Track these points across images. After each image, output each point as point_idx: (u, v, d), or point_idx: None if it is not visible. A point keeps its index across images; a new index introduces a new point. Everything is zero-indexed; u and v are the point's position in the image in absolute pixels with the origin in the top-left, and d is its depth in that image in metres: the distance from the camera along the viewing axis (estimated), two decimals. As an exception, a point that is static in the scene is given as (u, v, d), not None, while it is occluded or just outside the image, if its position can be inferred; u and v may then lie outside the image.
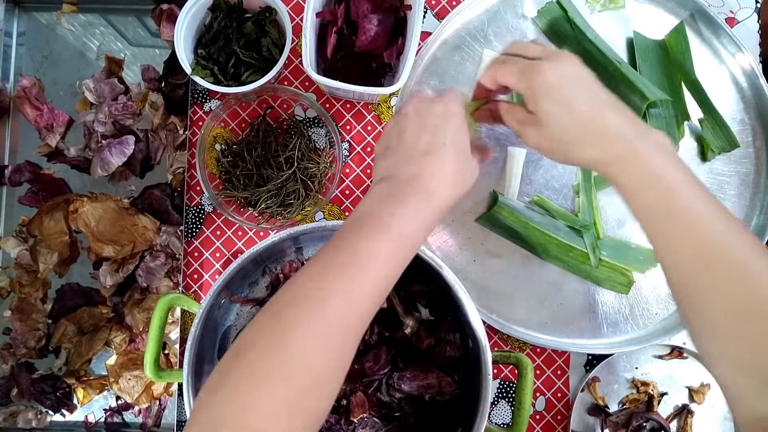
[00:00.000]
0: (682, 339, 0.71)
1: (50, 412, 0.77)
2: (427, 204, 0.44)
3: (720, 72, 0.74)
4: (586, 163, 0.48)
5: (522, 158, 0.70)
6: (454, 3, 0.75)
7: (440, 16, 0.75)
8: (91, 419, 0.78)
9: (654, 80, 0.71)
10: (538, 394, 0.71)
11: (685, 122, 0.71)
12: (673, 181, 0.44)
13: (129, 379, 0.75)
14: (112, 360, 0.76)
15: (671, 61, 0.72)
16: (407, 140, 0.47)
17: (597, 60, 0.70)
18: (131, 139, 0.76)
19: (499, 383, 0.71)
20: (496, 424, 0.70)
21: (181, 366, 0.57)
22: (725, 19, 0.75)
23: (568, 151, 0.48)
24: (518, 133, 0.51)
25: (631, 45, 0.73)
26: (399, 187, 0.44)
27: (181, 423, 0.69)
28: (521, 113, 0.50)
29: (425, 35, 0.71)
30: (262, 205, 0.67)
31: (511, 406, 0.71)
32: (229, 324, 0.68)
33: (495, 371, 0.70)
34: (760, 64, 0.73)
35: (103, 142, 0.76)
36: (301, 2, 0.73)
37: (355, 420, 0.60)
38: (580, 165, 0.53)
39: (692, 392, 0.71)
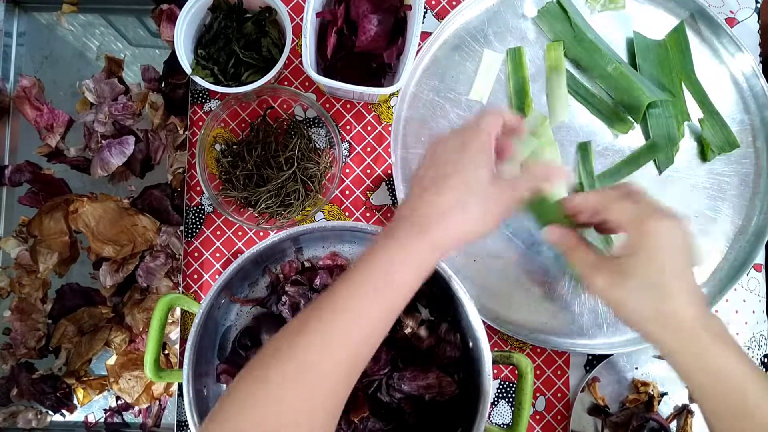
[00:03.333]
0: (682, 339, 0.71)
1: (50, 412, 0.77)
2: (419, 244, 0.42)
3: (720, 72, 0.74)
4: (652, 340, 0.46)
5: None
6: (454, 3, 0.75)
7: (440, 16, 0.75)
8: (91, 419, 0.78)
9: (654, 80, 0.71)
10: (538, 394, 0.71)
11: (685, 122, 0.71)
12: (740, 380, 0.43)
13: (129, 379, 0.75)
14: (112, 360, 0.76)
15: (671, 61, 0.72)
16: (421, 169, 0.46)
17: (597, 60, 0.70)
18: (131, 139, 0.76)
19: (499, 383, 0.71)
20: (496, 424, 0.70)
21: (181, 366, 0.57)
22: (725, 19, 0.75)
23: (633, 314, 0.45)
24: (583, 274, 0.48)
25: (631, 45, 0.73)
26: (398, 223, 0.44)
27: (181, 423, 0.69)
28: (593, 258, 0.47)
29: (425, 35, 0.71)
30: (262, 206, 0.67)
31: (511, 406, 0.71)
32: (229, 324, 0.67)
33: (495, 371, 0.70)
34: (760, 64, 0.73)
35: (103, 142, 0.76)
36: (301, 2, 0.73)
37: (356, 420, 0.60)
38: (639, 331, 0.48)
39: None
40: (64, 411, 0.77)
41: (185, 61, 0.65)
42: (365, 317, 0.40)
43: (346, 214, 0.72)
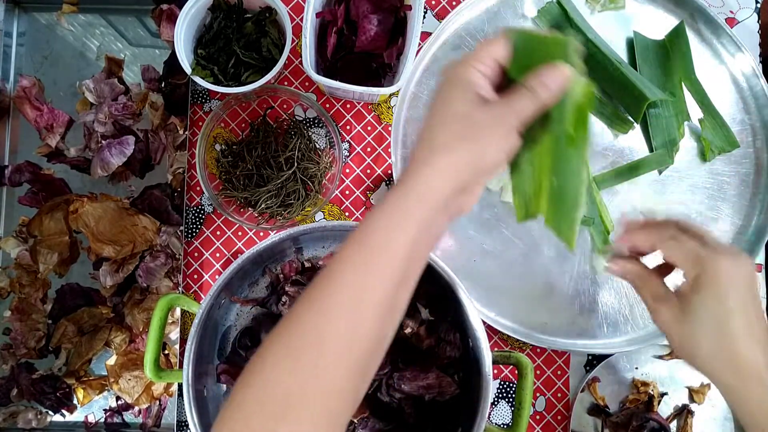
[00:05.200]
0: (682, 339, 0.71)
1: (50, 412, 0.77)
2: (404, 200, 0.38)
3: (720, 72, 0.74)
4: (715, 380, 0.44)
5: None
6: (454, 3, 0.75)
7: (440, 16, 0.75)
8: (91, 419, 0.78)
9: (654, 80, 0.71)
10: (538, 394, 0.71)
11: (685, 122, 0.71)
12: None
13: (129, 379, 0.75)
14: (112, 360, 0.76)
15: (671, 61, 0.72)
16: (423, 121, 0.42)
17: (597, 60, 0.70)
18: (131, 139, 0.76)
19: (499, 383, 0.71)
20: (496, 424, 0.70)
21: (181, 366, 0.57)
22: (725, 19, 0.75)
23: (698, 351, 0.44)
24: (649, 304, 0.47)
25: (631, 45, 0.73)
26: (392, 189, 0.40)
27: (181, 423, 0.69)
28: (661, 289, 0.46)
29: (425, 35, 0.71)
30: (262, 206, 0.67)
31: (511, 406, 0.71)
32: (229, 324, 0.67)
33: (495, 371, 0.70)
34: (760, 64, 0.73)
35: (103, 142, 0.76)
36: (301, 2, 0.73)
37: (355, 420, 0.60)
38: (701, 370, 0.46)
39: (692, 392, 0.71)
40: (64, 411, 0.77)
41: (185, 61, 0.65)
42: (359, 288, 0.36)
43: (346, 214, 0.72)
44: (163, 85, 0.79)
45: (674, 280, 0.48)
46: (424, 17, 0.74)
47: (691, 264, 0.43)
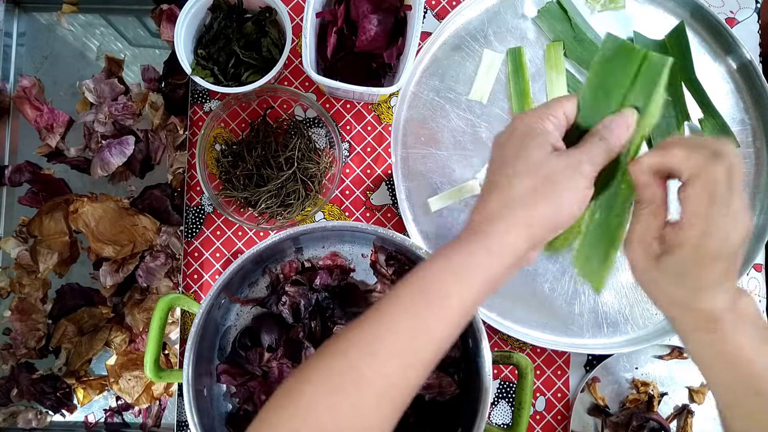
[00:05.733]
0: (682, 339, 0.71)
1: (50, 412, 0.77)
2: (473, 250, 0.37)
3: (720, 72, 0.74)
4: (674, 323, 0.42)
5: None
6: (454, 3, 0.75)
7: (440, 16, 0.75)
8: (91, 419, 0.78)
9: (654, 80, 0.71)
10: (538, 394, 0.71)
11: (685, 122, 0.71)
12: (753, 356, 0.39)
13: (129, 379, 0.75)
14: (112, 360, 0.76)
15: (671, 61, 0.72)
16: (487, 172, 0.41)
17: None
18: (131, 139, 0.76)
19: (499, 383, 0.71)
20: (496, 424, 0.70)
21: (181, 366, 0.57)
22: (725, 19, 0.75)
23: (662, 298, 0.41)
24: (635, 234, 0.41)
25: (631, 45, 0.73)
26: (461, 238, 0.39)
27: (181, 423, 0.69)
28: (654, 224, 0.41)
29: (425, 35, 0.71)
30: (262, 206, 0.67)
31: (511, 406, 0.71)
32: (229, 324, 0.67)
33: (495, 371, 0.70)
34: (760, 64, 0.73)
35: (103, 142, 0.76)
36: (301, 2, 0.73)
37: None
38: (660, 309, 0.43)
39: (692, 392, 0.71)
40: (64, 411, 0.77)
41: (185, 61, 0.65)
42: (413, 336, 0.36)
43: (346, 214, 0.72)
44: (163, 85, 0.79)
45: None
46: (424, 17, 0.74)
47: (700, 216, 0.38)
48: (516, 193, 0.38)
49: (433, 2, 0.75)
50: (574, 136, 0.41)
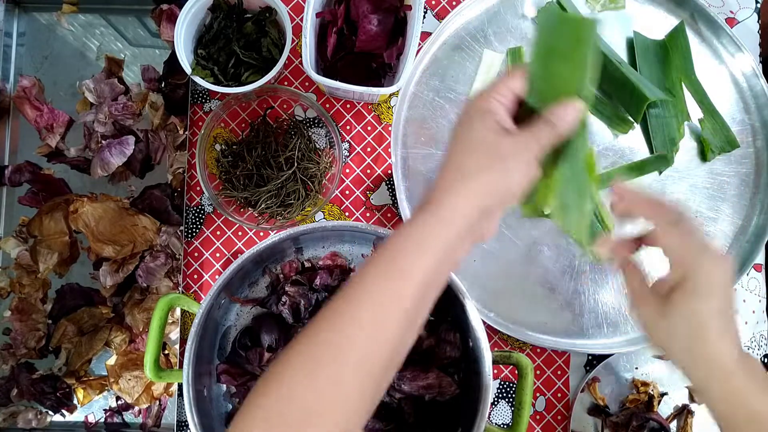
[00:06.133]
0: (682, 339, 0.71)
1: (50, 412, 0.77)
2: (429, 221, 0.39)
3: (720, 72, 0.74)
4: (687, 373, 0.44)
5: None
6: (454, 3, 0.75)
7: (440, 16, 0.75)
8: (91, 419, 0.78)
9: (654, 80, 0.71)
10: (538, 394, 0.71)
11: (685, 122, 0.71)
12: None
13: (129, 379, 0.75)
14: (112, 360, 0.76)
15: (671, 61, 0.72)
16: (444, 154, 0.44)
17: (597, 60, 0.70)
18: (131, 139, 0.76)
19: (499, 383, 0.71)
20: (496, 424, 0.70)
21: (181, 366, 0.57)
22: (725, 19, 0.75)
23: (673, 350, 0.44)
24: (632, 295, 0.46)
25: (631, 45, 0.73)
26: (416, 212, 0.41)
27: (181, 423, 0.69)
28: (639, 283, 0.46)
29: (425, 35, 0.71)
30: (262, 206, 0.67)
31: (511, 406, 0.71)
32: (229, 324, 0.67)
33: (495, 371, 0.70)
34: (760, 64, 0.73)
35: (103, 142, 0.76)
36: (301, 2, 0.73)
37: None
38: (675, 364, 0.47)
39: (692, 392, 0.71)
40: (64, 411, 0.77)
41: (185, 61, 0.65)
42: (379, 308, 0.38)
43: (346, 214, 0.72)
44: (163, 85, 0.79)
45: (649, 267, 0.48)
46: (424, 17, 0.74)
47: (681, 259, 0.43)
48: (465, 166, 0.41)
49: (433, 2, 0.75)
50: (527, 113, 0.43)
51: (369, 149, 0.73)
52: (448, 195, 0.40)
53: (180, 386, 0.71)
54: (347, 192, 0.72)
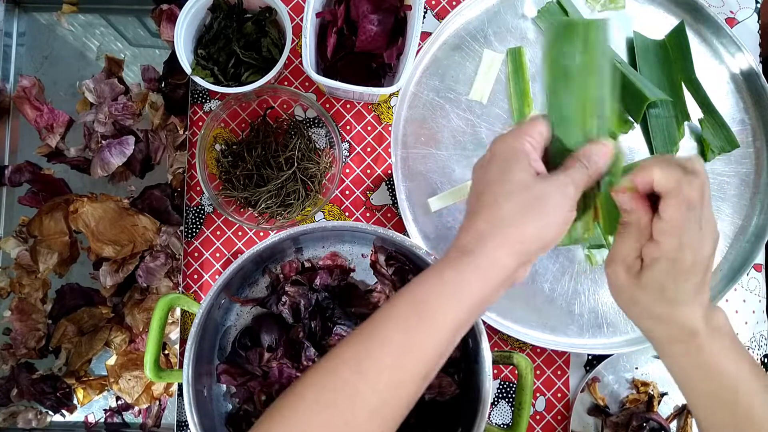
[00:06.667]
0: (682, 339, 0.71)
1: (50, 412, 0.77)
2: (461, 272, 0.38)
3: (720, 72, 0.74)
4: (645, 331, 0.44)
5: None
6: (454, 3, 0.75)
7: (440, 16, 0.75)
8: (91, 419, 0.78)
9: (654, 80, 0.71)
10: (538, 395, 0.71)
11: (685, 122, 0.71)
12: (733, 378, 0.41)
13: (129, 379, 0.75)
14: (112, 360, 0.76)
15: (671, 61, 0.72)
16: (471, 194, 0.42)
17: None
18: (131, 139, 0.76)
19: (499, 383, 0.71)
20: (496, 424, 0.70)
21: (181, 366, 0.57)
22: (725, 19, 0.75)
23: (635, 308, 0.43)
24: (616, 253, 0.43)
25: (631, 45, 0.73)
26: (451, 256, 0.40)
27: (181, 423, 0.69)
28: (631, 247, 0.42)
29: (425, 35, 0.71)
30: (262, 206, 0.67)
31: (511, 406, 0.71)
32: (229, 324, 0.67)
33: (495, 371, 0.70)
34: (760, 64, 0.73)
35: (103, 142, 0.76)
36: (301, 2, 0.73)
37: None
38: (631, 319, 0.46)
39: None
40: (64, 411, 0.77)
41: (185, 61, 0.65)
42: (404, 352, 0.37)
43: (346, 214, 0.72)
44: (163, 85, 0.79)
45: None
46: (424, 17, 0.74)
47: (675, 231, 0.40)
48: (504, 212, 0.39)
49: (433, 2, 0.75)
50: (557, 152, 0.43)
51: (369, 149, 0.73)
52: (486, 243, 0.38)
53: (180, 386, 0.71)
54: (347, 192, 0.72)
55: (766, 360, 0.73)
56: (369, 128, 0.73)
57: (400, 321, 0.38)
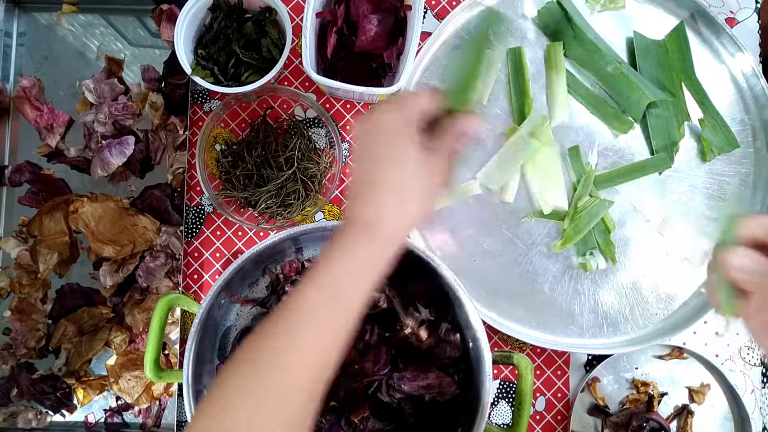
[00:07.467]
0: (682, 339, 0.71)
1: (50, 412, 0.77)
2: (364, 250, 0.42)
3: (720, 72, 0.74)
4: None
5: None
6: (454, 3, 0.75)
7: (440, 16, 0.75)
8: (91, 419, 0.78)
9: (654, 80, 0.71)
10: (538, 394, 0.71)
11: (685, 122, 0.71)
12: None
13: (129, 379, 0.75)
14: (112, 360, 0.76)
15: (671, 61, 0.72)
16: (362, 159, 0.45)
17: (597, 60, 0.70)
18: (131, 139, 0.76)
19: (499, 383, 0.71)
20: (496, 424, 0.70)
21: (181, 366, 0.57)
22: (725, 19, 0.75)
23: None
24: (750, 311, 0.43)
25: (631, 45, 0.73)
26: (344, 229, 0.43)
27: (181, 423, 0.69)
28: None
29: (425, 35, 0.71)
30: (262, 206, 0.67)
31: (511, 406, 0.71)
32: (229, 324, 0.67)
33: (495, 371, 0.70)
34: (760, 64, 0.73)
35: (103, 142, 0.76)
36: (301, 2, 0.73)
37: (355, 420, 0.60)
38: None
39: (692, 392, 0.71)
40: (64, 411, 0.77)
41: (185, 61, 0.65)
42: (322, 328, 0.41)
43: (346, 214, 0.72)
44: (163, 85, 0.79)
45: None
46: (424, 17, 0.74)
47: None
48: (407, 191, 0.43)
49: (433, 2, 0.75)
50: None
51: (369, 149, 0.73)
52: (388, 220, 0.43)
53: (180, 386, 0.71)
54: (347, 192, 0.72)
55: (765, 360, 0.73)
56: (369, 128, 0.73)
57: (321, 302, 0.41)
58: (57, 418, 0.78)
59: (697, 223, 0.71)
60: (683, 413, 0.71)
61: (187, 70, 0.65)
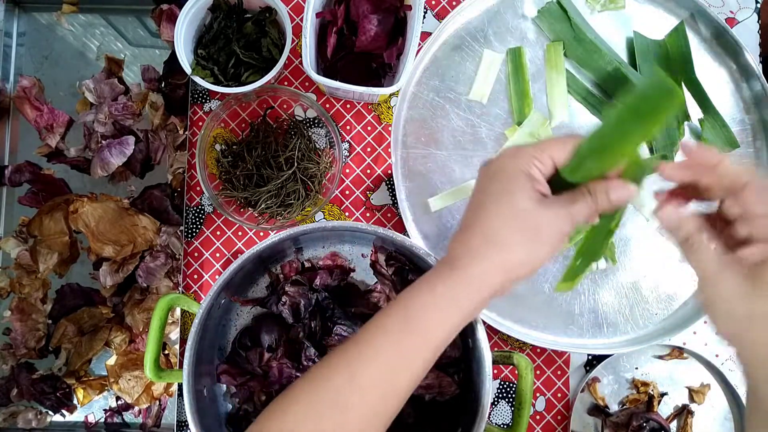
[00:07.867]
0: (682, 339, 0.71)
1: (50, 412, 0.77)
2: (450, 288, 0.40)
3: (720, 72, 0.74)
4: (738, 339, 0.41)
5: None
6: (454, 3, 0.75)
7: (440, 16, 0.75)
8: (91, 419, 0.78)
9: (654, 80, 0.71)
10: (538, 395, 0.71)
11: (685, 122, 0.71)
12: None
13: (129, 379, 0.75)
14: (112, 360, 0.76)
15: (671, 61, 0.72)
16: (472, 199, 0.43)
17: (597, 60, 0.70)
18: (131, 139, 0.76)
19: (499, 383, 0.71)
20: (496, 424, 0.70)
21: (181, 366, 0.57)
22: (725, 19, 0.75)
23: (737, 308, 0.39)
24: (704, 272, 0.40)
25: (631, 45, 0.73)
26: (437, 264, 0.42)
27: (181, 423, 0.69)
28: (712, 257, 0.39)
29: (425, 35, 0.71)
30: (262, 206, 0.67)
31: (511, 406, 0.71)
32: (229, 324, 0.67)
33: (495, 371, 0.70)
34: (760, 64, 0.73)
35: (103, 142, 0.76)
36: (301, 2, 0.73)
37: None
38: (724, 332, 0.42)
39: (692, 392, 0.71)
40: (64, 411, 0.77)
41: (185, 61, 0.65)
42: (394, 368, 0.39)
43: (346, 214, 0.72)
44: (163, 85, 0.79)
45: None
46: (424, 17, 0.74)
47: None
48: (499, 235, 0.40)
49: (433, 2, 0.75)
50: (560, 182, 0.42)
51: (369, 149, 0.73)
52: (478, 263, 0.40)
53: (180, 386, 0.71)
54: (347, 192, 0.72)
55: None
56: (369, 128, 0.73)
57: (392, 334, 0.40)
58: (57, 418, 0.78)
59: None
60: (683, 413, 0.71)
61: (187, 70, 0.65)
